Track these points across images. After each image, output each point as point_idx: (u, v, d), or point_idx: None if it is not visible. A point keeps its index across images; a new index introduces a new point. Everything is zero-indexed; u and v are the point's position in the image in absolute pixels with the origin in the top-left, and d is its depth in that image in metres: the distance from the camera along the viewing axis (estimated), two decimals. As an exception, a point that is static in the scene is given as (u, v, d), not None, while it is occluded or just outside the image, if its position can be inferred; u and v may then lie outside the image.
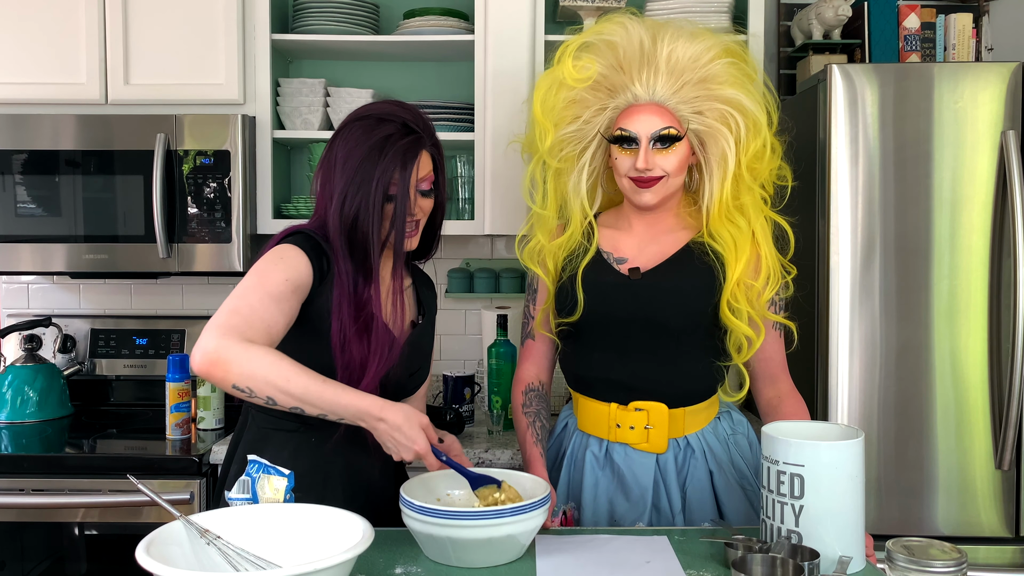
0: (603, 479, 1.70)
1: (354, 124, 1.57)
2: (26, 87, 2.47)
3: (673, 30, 1.67)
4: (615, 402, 1.69)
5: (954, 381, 2.13)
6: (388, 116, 1.57)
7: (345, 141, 1.56)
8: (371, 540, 1.16)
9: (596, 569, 1.34)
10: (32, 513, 2.18)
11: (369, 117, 1.57)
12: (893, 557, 1.23)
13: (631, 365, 1.69)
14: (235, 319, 1.40)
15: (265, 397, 1.38)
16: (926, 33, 2.51)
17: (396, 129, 1.55)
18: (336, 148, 1.56)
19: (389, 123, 1.56)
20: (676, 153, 1.63)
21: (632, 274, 1.69)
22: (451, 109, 2.58)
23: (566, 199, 1.75)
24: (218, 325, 1.39)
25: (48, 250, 2.46)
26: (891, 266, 2.14)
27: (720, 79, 1.64)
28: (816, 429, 1.43)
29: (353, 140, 1.55)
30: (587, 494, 1.70)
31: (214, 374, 1.37)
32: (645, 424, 1.68)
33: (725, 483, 1.69)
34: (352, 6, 2.55)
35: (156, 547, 1.12)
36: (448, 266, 2.84)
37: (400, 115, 1.57)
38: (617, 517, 1.69)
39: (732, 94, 1.63)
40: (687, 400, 1.69)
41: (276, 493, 1.31)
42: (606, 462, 1.71)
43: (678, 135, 1.62)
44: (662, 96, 1.64)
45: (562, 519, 1.69)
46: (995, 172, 2.11)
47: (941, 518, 2.14)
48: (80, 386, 2.74)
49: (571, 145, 1.73)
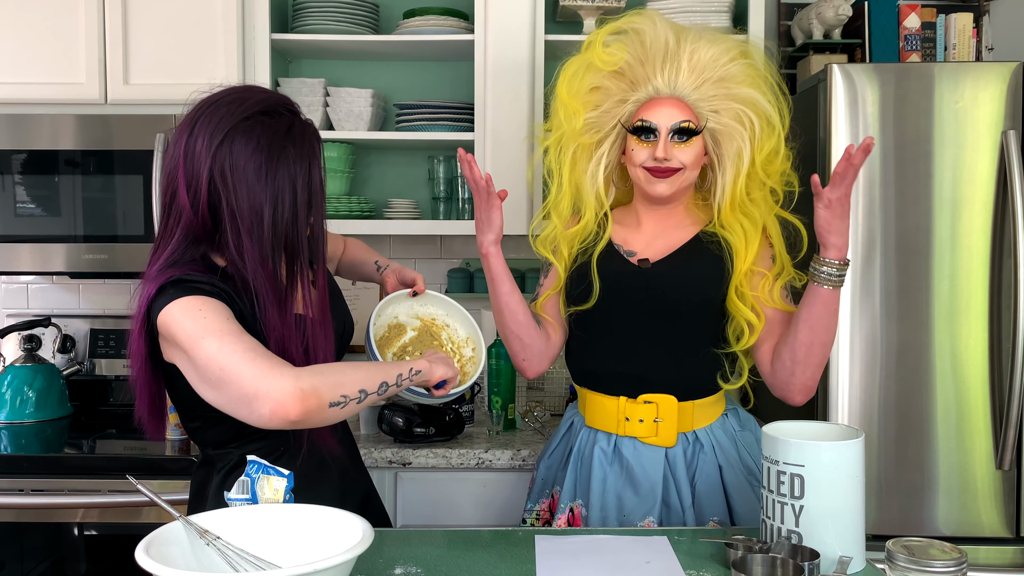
0: (611, 474, 1.71)
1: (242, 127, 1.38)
2: (26, 87, 2.47)
3: (696, 32, 1.73)
4: (624, 395, 1.72)
5: (954, 381, 2.13)
6: (272, 108, 1.41)
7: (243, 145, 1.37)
8: (371, 540, 1.16)
9: (596, 569, 1.33)
10: (32, 513, 2.18)
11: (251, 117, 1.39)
12: (893, 557, 1.23)
13: (641, 355, 1.72)
14: (260, 359, 1.27)
15: (358, 395, 1.33)
16: (926, 33, 2.51)
17: (290, 120, 1.43)
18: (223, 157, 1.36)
19: (277, 115, 1.42)
20: (693, 147, 1.68)
21: (642, 264, 1.73)
22: (451, 109, 2.58)
23: (581, 189, 1.77)
24: (261, 373, 1.25)
25: (47, 250, 2.46)
26: (891, 266, 2.13)
27: (738, 79, 1.69)
28: (816, 429, 1.42)
29: (253, 144, 1.37)
30: (595, 490, 1.71)
31: (310, 405, 1.26)
32: (654, 417, 1.70)
33: (734, 478, 1.71)
34: (352, 6, 2.55)
35: (156, 547, 1.12)
36: (448, 266, 2.84)
37: (280, 100, 1.44)
38: (626, 512, 1.70)
39: (748, 93, 1.69)
40: (695, 393, 1.71)
41: (276, 493, 1.31)
42: (615, 457, 1.72)
43: (697, 129, 1.67)
44: (683, 91, 1.69)
45: (568, 517, 1.70)
46: (995, 172, 2.11)
47: (941, 518, 2.14)
48: (79, 386, 2.74)
49: (590, 132, 1.76)
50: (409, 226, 2.57)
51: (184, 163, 1.38)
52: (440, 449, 2.23)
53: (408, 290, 1.81)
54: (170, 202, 1.41)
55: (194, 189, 1.37)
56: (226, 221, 1.37)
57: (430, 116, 2.56)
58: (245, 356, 1.27)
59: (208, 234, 1.40)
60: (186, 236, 1.40)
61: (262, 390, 1.24)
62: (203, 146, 1.36)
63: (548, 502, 1.84)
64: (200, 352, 1.29)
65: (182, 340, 1.32)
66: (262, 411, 1.25)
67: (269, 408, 1.24)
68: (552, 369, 2.63)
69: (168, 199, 1.41)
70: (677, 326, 1.70)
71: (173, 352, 1.39)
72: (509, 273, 1.72)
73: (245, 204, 1.36)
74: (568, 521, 1.74)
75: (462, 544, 1.46)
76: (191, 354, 1.31)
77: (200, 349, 1.29)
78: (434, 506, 2.27)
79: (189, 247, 1.41)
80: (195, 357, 1.30)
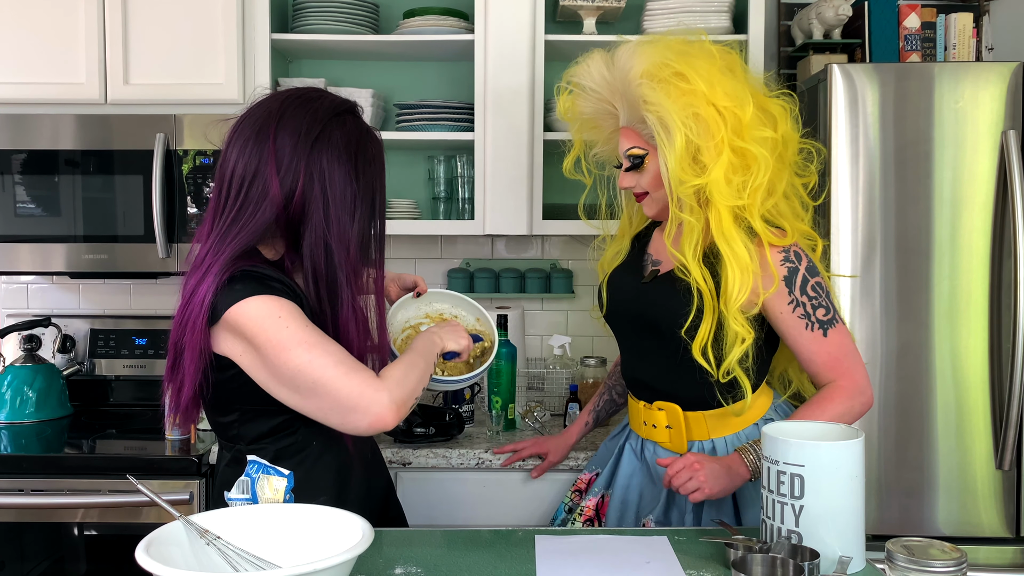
0: (638, 470, 1.78)
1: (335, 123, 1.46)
2: (26, 87, 2.47)
3: (623, 49, 1.68)
4: (643, 400, 1.77)
5: (954, 381, 2.13)
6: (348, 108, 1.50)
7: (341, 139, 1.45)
8: (371, 540, 1.16)
9: (596, 569, 1.33)
10: (31, 513, 2.18)
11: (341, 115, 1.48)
12: (893, 557, 1.23)
13: (646, 365, 1.76)
14: (353, 372, 1.36)
15: (420, 392, 1.48)
16: (926, 33, 2.51)
17: (364, 123, 1.52)
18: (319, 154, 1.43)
19: (353, 115, 1.51)
20: (646, 171, 1.69)
21: (648, 277, 1.75)
22: (451, 109, 2.58)
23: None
24: (359, 388, 1.35)
25: (47, 250, 2.46)
26: (891, 266, 2.13)
27: (645, 94, 1.61)
28: (816, 429, 1.42)
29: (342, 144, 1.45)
30: (620, 481, 1.79)
31: (402, 414, 1.39)
32: (666, 424, 1.73)
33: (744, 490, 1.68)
34: (352, 5, 2.55)
35: (156, 547, 1.12)
36: (448, 266, 2.84)
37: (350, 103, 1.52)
38: (643, 504, 1.75)
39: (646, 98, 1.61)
40: (699, 404, 1.69)
41: (276, 493, 1.31)
42: (642, 455, 1.79)
43: (642, 155, 1.68)
44: (625, 119, 1.71)
45: (598, 502, 1.82)
46: (996, 172, 2.11)
47: (941, 518, 2.14)
48: (79, 386, 2.74)
49: (608, 163, 1.90)
50: (409, 226, 2.57)
51: (275, 159, 1.41)
52: (440, 449, 2.23)
53: (411, 294, 1.84)
54: (240, 196, 1.42)
55: (288, 185, 1.41)
56: (313, 214, 1.42)
57: (430, 116, 2.56)
58: (339, 369, 1.35)
59: (288, 228, 1.43)
60: (266, 230, 1.43)
61: (362, 405, 1.35)
62: (297, 142, 1.41)
63: (591, 476, 1.93)
64: (290, 361, 1.34)
65: (263, 343, 1.35)
66: (360, 423, 1.36)
67: (368, 421, 1.35)
68: (552, 369, 2.64)
69: (235, 193, 1.42)
70: (666, 341, 1.67)
71: (236, 346, 1.39)
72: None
73: (339, 199, 1.43)
74: (597, 505, 1.82)
75: (462, 544, 1.46)
76: (275, 360, 1.35)
77: (290, 358, 1.34)
78: (434, 506, 2.27)
79: (264, 239, 1.45)
80: (281, 364, 1.35)
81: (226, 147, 1.45)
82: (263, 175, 1.41)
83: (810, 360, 1.63)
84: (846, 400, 1.61)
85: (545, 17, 2.48)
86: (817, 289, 1.62)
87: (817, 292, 1.62)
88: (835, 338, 1.62)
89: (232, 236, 1.41)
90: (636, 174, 1.71)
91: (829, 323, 1.62)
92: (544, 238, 2.84)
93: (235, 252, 1.40)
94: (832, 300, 1.64)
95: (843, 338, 1.63)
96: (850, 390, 1.61)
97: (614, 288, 1.82)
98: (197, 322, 1.37)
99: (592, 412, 2.08)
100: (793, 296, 1.60)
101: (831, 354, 1.61)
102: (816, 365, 1.63)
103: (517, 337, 2.67)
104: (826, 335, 1.61)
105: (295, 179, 1.41)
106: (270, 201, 1.40)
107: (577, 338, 2.77)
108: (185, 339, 1.38)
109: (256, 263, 1.41)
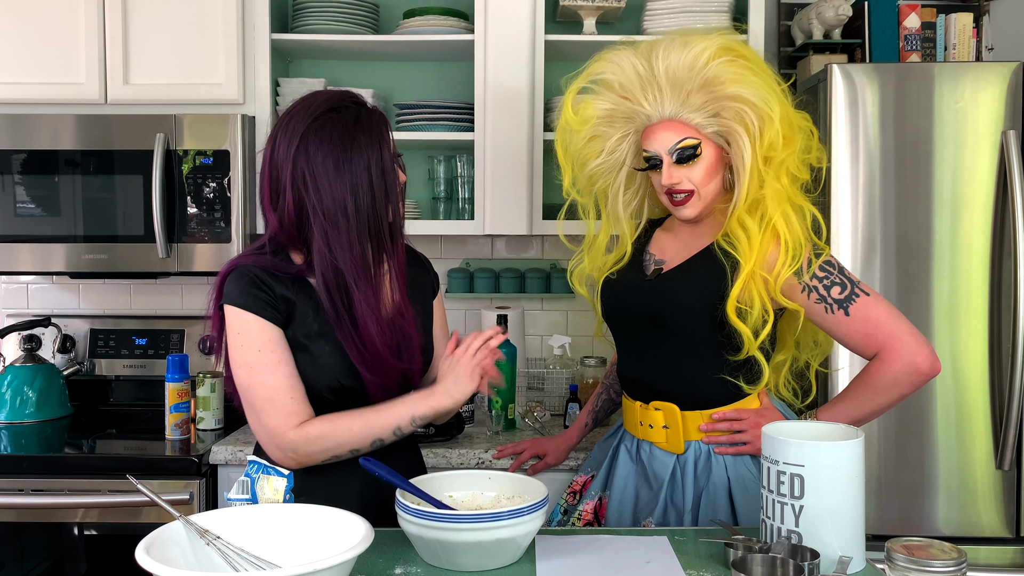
0: (633, 472, 1.77)
1: (314, 127, 1.47)
2: (25, 87, 2.47)
3: (665, 44, 1.67)
4: (639, 400, 1.76)
5: (954, 381, 2.13)
6: (338, 103, 1.50)
7: (317, 144, 1.46)
8: (371, 540, 1.16)
9: (596, 569, 1.33)
10: (31, 513, 2.18)
11: (320, 116, 1.49)
12: (893, 557, 1.23)
13: (645, 364, 1.74)
14: (273, 412, 1.45)
15: (348, 454, 1.49)
16: (926, 33, 2.51)
17: (356, 111, 1.51)
18: (301, 160, 1.46)
19: (344, 109, 1.50)
20: (700, 163, 1.65)
21: (654, 274, 1.74)
22: (451, 109, 2.58)
23: (615, 226, 1.85)
24: (272, 429, 1.45)
25: (47, 250, 2.46)
26: (891, 266, 2.13)
27: (721, 79, 1.63)
28: (816, 429, 1.42)
29: (326, 140, 1.46)
30: (618, 484, 1.77)
31: (301, 463, 1.48)
32: (663, 424, 1.71)
33: (743, 493, 1.67)
34: (352, 6, 2.55)
35: (156, 547, 1.12)
36: (448, 266, 2.84)
37: (345, 95, 1.53)
38: (640, 507, 1.74)
39: (735, 91, 1.62)
40: (699, 404, 1.69)
41: (276, 493, 1.31)
42: (637, 457, 1.77)
43: (695, 144, 1.64)
44: (672, 111, 1.65)
45: (596, 505, 1.80)
46: (995, 172, 2.11)
47: (941, 518, 2.14)
48: (79, 386, 2.74)
49: (603, 178, 1.80)
50: (409, 226, 2.52)
51: (269, 173, 1.49)
52: (440, 449, 2.23)
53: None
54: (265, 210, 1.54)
55: (279, 196, 1.48)
56: (311, 218, 1.46)
57: (430, 116, 2.56)
58: (264, 405, 1.46)
59: (296, 235, 1.49)
60: (272, 240, 1.51)
61: (270, 445, 1.47)
62: (283, 154, 1.47)
63: (586, 479, 1.92)
64: (236, 373, 1.48)
65: (227, 345, 1.50)
66: (270, 452, 1.48)
67: (274, 457, 1.48)
68: (552, 369, 2.64)
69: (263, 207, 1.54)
70: (671, 337, 1.68)
71: None
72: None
73: (328, 198, 1.45)
74: (595, 508, 1.81)
75: (462, 544, 1.46)
76: (231, 364, 1.50)
77: (237, 372, 1.48)
78: (434, 506, 2.27)
79: (275, 250, 1.52)
80: (232, 371, 1.50)
81: None
82: (263, 199, 1.52)
83: (845, 343, 1.63)
84: (886, 373, 1.58)
85: (545, 17, 2.48)
86: (826, 268, 1.60)
87: (827, 271, 1.60)
88: (859, 313, 1.59)
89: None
90: (687, 167, 1.64)
91: (848, 300, 1.59)
92: (544, 238, 2.84)
93: (240, 261, 1.51)
94: (847, 275, 1.61)
95: (869, 311, 1.59)
96: (889, 361, 1.58)
97: (616, 289, 1.80)
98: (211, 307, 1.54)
99: (591, 413, 2.08)
100: (803, 283, 1.60)
101: (860, 331, 1.59)
102: (852, 346, 1.62)
103: (517, 337, 2.67)
104: (848, 314, 1.59)
105: (283, 192, 1.47)
106: (268, 218, 1.52)
107: (577, 338, 2.77)
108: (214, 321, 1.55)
109: (257, 260, 1.49)
